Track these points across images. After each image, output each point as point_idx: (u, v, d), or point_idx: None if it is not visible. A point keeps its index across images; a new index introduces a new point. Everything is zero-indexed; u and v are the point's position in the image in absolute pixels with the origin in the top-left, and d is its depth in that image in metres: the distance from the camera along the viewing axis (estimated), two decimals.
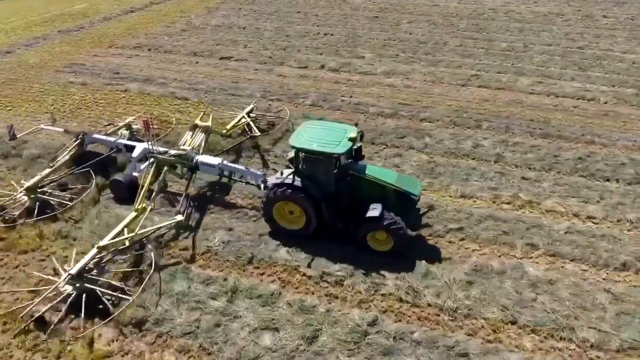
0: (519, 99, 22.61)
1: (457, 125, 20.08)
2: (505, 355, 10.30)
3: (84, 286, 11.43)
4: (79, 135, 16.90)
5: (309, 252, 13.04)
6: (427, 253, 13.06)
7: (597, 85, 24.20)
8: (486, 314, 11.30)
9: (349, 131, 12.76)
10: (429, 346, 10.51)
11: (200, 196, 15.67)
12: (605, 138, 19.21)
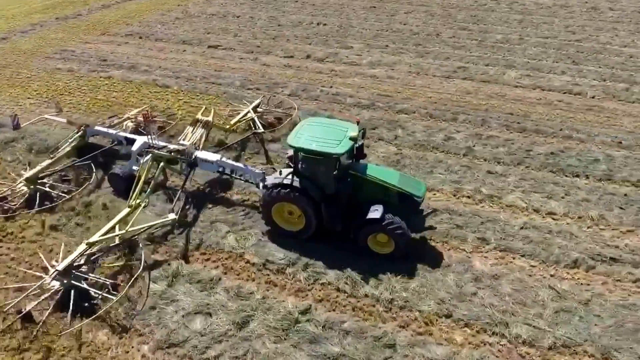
0: (502, 92, 22.25)
1: (433, 118, 19.89)
2: (432, 348, 10.29)
3: (71, 283, 11.28)
4: (80, 127, 16.78)
5: (256, 239, 13.17)
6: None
7: (588, 80, 23.65)
8: (422, 306, 11.29)
9: (350, 130, 12.27)
10: (357, 336, 10.56)
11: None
12: (584, 133, 18.82)
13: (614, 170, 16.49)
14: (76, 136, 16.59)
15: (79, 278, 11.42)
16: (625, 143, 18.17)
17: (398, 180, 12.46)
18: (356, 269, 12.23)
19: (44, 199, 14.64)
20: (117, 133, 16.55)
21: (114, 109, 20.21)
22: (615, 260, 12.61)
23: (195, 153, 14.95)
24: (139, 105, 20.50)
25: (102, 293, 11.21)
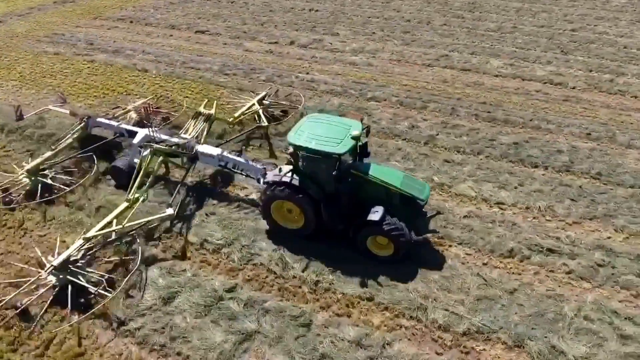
0: (480, 81, 22.13)
1: (403, 106, 19.95)
2: (346, 329, 10.60)
3: (67, 278, 11.22)
4: (83, 118, 16.66)
5: (197, 221, 13.62)
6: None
7: (573, 70, 23.31)
8: (346, 289, 11.58)
9: (353, 128, 12.00)
10: (276, 315, 10.94)
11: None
12: (555, 124, 18.66)
13: (575, 162, 16.37)
14: (78, 127, 16.51)
15: (75, 273, 11.33)
16: (594, 135, 17.96)
17: (401, 182, 12.19)
18: (291, 251, 12.58)
19: (45, 190, 14.54)
20: (118, 125, 16.45)
21: (89, 92, 20.86)
22: (552, 251, 12.65)
23: (196, 147, 14.77)
24: (115, 89, 21.13)
25: (97, 289, 11.11)
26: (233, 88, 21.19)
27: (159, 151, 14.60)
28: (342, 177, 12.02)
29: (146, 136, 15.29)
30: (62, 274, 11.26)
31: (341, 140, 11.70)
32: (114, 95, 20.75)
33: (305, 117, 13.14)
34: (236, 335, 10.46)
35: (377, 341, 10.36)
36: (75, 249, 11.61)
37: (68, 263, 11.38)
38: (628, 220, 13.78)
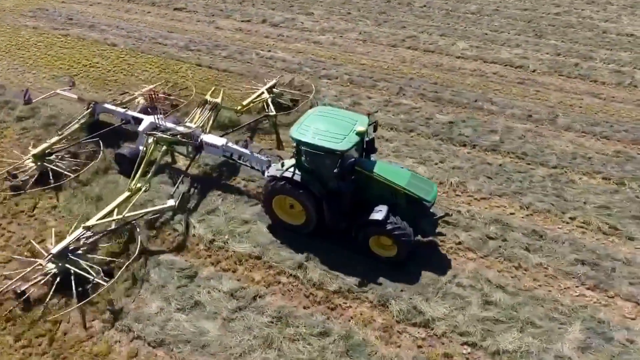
0: (439, 62, 22.72)
1: (353, 84, 20.77)
2: (226, 282, 11.72)
3: (65, 266, 11.44)
4: (89, 104, 16.86)
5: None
6: (224, 192, 14.49)
7: (540, 54, 23.66)
8: (238, 248, 12.67)
9: (359, 123, 11.83)
10: (167, 267, 12.12)
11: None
12: (499, 105, 19.22)
13: (505, 142, 16.97)
14: (85, 113, 16.69)
15: (74, 262, 11.53)
16: (535, 117, 18.46)
17: (407, 182, 11.97)
18: (195, 214, 13.70)
19: (50, 176, 14.75)
20: (125, 112, 16.52)
21: (56, 64, 22.38)
22: (448, 223, 13.41)
23: (201, 136, 14.78)
24: (80, 61, 22.60)
25: (95, 278, 11.27)
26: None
27: (163, 140, 14.64)
28: (345, 174, 11.90)
29: (151, 124, 15.36)
30: (61, 262, 11.44)
31: (345, 136, 11.52)
32: (79, 67, 22.21)
33: (310, 110, 13.04)
34: (127, 282, 11.68)
35: (250, 294, 11.44)
36: (74, 238, 11.81)
37: (67, 251, 11.56)
38: (536, 199, 14.41)
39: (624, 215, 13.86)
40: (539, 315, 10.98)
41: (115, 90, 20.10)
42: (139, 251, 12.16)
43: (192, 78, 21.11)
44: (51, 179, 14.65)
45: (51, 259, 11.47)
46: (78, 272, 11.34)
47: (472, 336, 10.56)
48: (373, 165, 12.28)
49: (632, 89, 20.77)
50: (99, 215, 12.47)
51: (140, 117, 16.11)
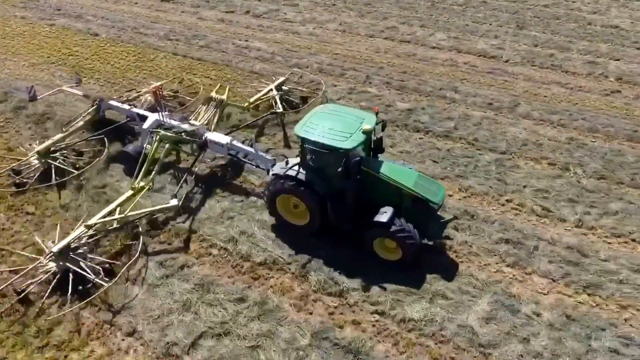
0: (412, 52, 23.41)
1: (321, 72, 21.60)
2: (174, 255, 12.73)
3: (66, 265, 11.60)
4: (95, 101, 17.07)
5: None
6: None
7: (518, 44, 24.15)
8: (179, 224, 13.65)
9: (365, 122, 11.88)
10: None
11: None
12: (463, 94, 19.86)
13: (460, 129, 17.63)
14: (90, 110, 16.92)
15: (75, 261, 11.68)
16: (495, 105, 19.05)
17: (414, 183, 11.89)
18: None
19: (54, 173, 14.96)
20: (130, 109, 16.74)
21: (36, 52, 23.77)
22: None
23: (206, 134, 14.91)
24: (60, 50, 23.95)
25: (95, 278, 11.46)
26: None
27: (166, 137, 14.79)
28: (350, 173, 11.89)
29: (156, 121, 15.54)
30: (62, 261, 11.60)
31: (351, 134, 11.54)
32: (59, 55, 23.55)
33: (317, 107, 13.08)
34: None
35: (179, 264, 12.41)
36: (75, 236, 11.96)
37: (68, 250, 11.73)
38: (477, 182, 15.07)
39: (560, 199, 14.43)
40: (451, 289, 11.70)
41: (89, 78, 21.37)
42: (140, 251, 12.39)
43: (165, 66, 22.25)
44: (55, 176, 14.81)
45: (52, 257, 11.61)
46: (78, 271, 11.48)
47: (382, 305, 11.35)
48: (380, 164, 12.20)
49: (602, 79, 21.15)
50: (101, 214, 12.62)
51: (145, 114, 16.26)
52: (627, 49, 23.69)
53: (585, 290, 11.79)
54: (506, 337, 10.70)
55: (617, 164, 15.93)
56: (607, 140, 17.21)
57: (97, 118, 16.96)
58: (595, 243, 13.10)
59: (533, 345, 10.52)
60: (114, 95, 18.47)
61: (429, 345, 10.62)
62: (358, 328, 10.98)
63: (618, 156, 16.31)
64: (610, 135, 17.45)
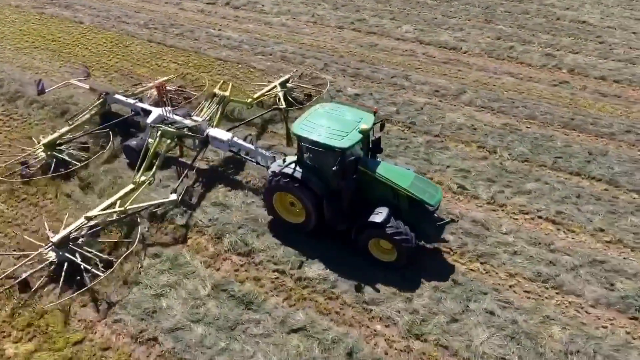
0: (374, 43, 24.26)
1: (283, 60, 22.63)
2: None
3: (65, 256, 11.94)
4: (101, 94, 17.48)
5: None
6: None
7: (481, 37, 24.78)
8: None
9: (363, 121, 11.96)
10: None
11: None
12: (414, 82, 20.69)
13: (401, 113, 18.46)
14: (97, 103, 17.34)
15: (73, 251, 12.02)
16: (441, 92, 19.84)
17: (410, 183, 11.91)
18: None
19: (60, 165, 15.50)
20: (135, 103, 17.04)
21: (24, 38, 25.24)
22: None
23: (208, 130, 15.14)
24: (45, 36, 25.37)
25: (91, 269, 11.76)
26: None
27: (167, 133, 15.03)
28: (346, 172, 11.94)
29: (160, 116, 15.81)
30: (62, 251, 11.97)
31: (347, 133, 11.60)
32: (42, 41, 24.96)
33: (316, 105, 13.25)
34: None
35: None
36: (75, 228, 12.32)
37: (68, 241, 12.10)
38: (403, 161, 15.90)
39: (479, 178, 15.20)
40: (350, 253, 12.56)
41: (65, 61, 22.75)
42: (138, 244, 12.67)
43: (138, 52, 23.49)
44: (61, 168, 15.37)
45: (52, 248, 12.02)
46: (76, 261, 11.84)
47: (284, 265, 12.33)
48: (376, 165, 12.27)
49: (554, 70, 21.74)
50: (102, 207, 12.96)
51: (149, 109, 16.54)
52: (589, 43, 24.17)
53: (479, 259, 12.60)
54: (391, 296, 11.60)
55: (545, 148, 16.62)
56: (542, 127, 17.87)
57: (103, 111, 17.48)
58: (502, 218, 13.88)
59: (413, 304, 11.38)
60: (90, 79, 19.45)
61: (318, 300, 11.58)
62: (257, 283, 12.00)
63: (548, 141, 16.98)
64: (546, 122, 18.11)
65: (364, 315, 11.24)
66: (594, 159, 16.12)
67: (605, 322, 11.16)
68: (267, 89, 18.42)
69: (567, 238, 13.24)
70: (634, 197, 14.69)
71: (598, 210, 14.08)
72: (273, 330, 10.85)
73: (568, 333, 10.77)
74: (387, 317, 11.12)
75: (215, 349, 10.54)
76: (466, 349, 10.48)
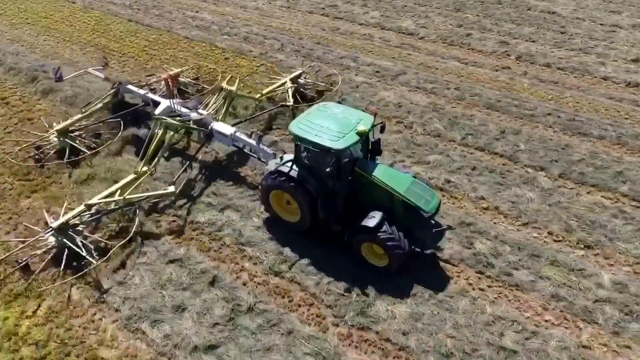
0: (336, 27, 25.92)
1: (245, 40, 24.51)
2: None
3: (63, 241, 12.44)
4: (114, 84, 18.20)
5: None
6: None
7: (444, 25, 25.98)
8: None
9: (361, 123, 12.04)
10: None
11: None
12: (358, 63, 22.23)
13: (336, 91, 19.99)
14: (110, 92, 18.08)
15: (72, 238, 12.52)
16: (382, 73, 21.30)
17: (406, 188, 11.90)
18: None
19: (71, 152, 16.15)
20: (145, 94, 17.66)
21: (18, 15, 27.96)
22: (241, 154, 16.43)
23: (212, 124, 15.54)
24: (37, 13, 28.03)
25: (86, 256, 12.26)
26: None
27: (171, 125, 15.52)
28: (341, 174, 12.03)
29: (167, 108, 16.34)
30: (60, 237, 12.47)
31: (344, 135, 11.64)
32: (35, 18, 27.60)
33: (316, 105, 13.49)
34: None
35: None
36: (75, 214, 12.81)
37: (68, 227, 12.57)
38: None
39: (386, 149, 16.57)
40: (241, 196, 14.55)
41: (49, 36, 25.29)
42: (134, 233, 13.15)
43: (116, 29, 25.81)
44: (71, 155, 16.08)
45: (52, 233, 12.58)
46: (73, 248, 12.36)
47: (182, 210, 14.27)
48: (374, 167, 12.30)
49: (503, 57, 22.84)
50: (102, 195, 13.50)
51: (158, 100, 17.15)
52: (549, 33, 25.03)
53: None
54: (267, 240, 13.36)
55: (460, 126, 17.92)
56: (467, 107, 19.12)
57: (116, 100, 18.18)
58: None
59: (284, 250, 13.12)
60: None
61: (202, 240, 13.47)
62: (159, 227, 13.92)
63: (467, 120, 18.27)
64: (472, 103, 19.35)
65: (237, 254, 13.05)
66: (504, 137, 17.36)
67: (453, 274, 12.58)
68: (277, 85, 18.75)
69: (447, 203, 14.62)
70: (528, 171, 15.90)
71: (487, 181, 15.40)
72: (154, 261, 12.81)
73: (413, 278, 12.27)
74: (256, 257, 12.90)
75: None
76: (315, 286, 12.17)
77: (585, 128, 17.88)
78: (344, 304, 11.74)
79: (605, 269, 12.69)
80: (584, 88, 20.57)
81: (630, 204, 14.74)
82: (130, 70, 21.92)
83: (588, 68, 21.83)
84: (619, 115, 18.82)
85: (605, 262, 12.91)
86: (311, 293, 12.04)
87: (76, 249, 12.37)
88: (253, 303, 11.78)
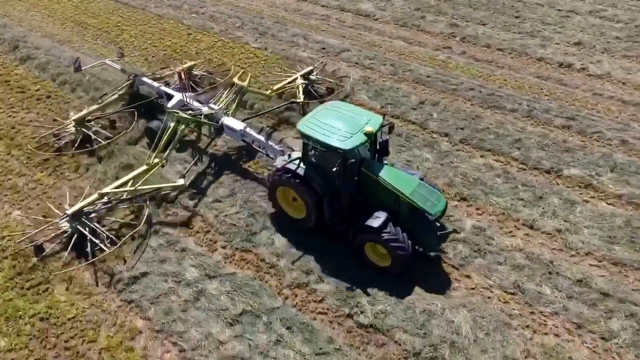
0: (299, 8, 28.16)
1: (210, 19, 26.96)
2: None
3: (76, 227, 13.19)
4: (130, 76, 18.90)
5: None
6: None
7: (402, 8, 27.78)
8: None
9: (370, 123, 12.35)
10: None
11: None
12: (309, 41, 24.37)
13: (292, 66, 21.96)
14: (126, 84, 18.84)
15: (85, 224, 13.32)
16: (331, 50, 23.41)
17: (412, 190, 12.18)
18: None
19: (87, 141, 17.06)
20: (159, 87, 18.26)
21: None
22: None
23: (222, 119, 16.14)
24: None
25: (98, 243, 12.95)
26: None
27: (183, 119, 16.11)
28: (347, 174, 12.24)
29: (180, 101, 17.03)
30: (75, 223, 13.29)
31: (352, 135, 11.96)
32: (43, 4, 30.54)
33: (325, 104, 13.88)
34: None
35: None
36: (89, 202, 13.59)
37: (82, 214, 13.42)
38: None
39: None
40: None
41: (38, 12, 28.13)
42: (144, 223, 13.84)
43: (96, 8, 28.54)
44: (87, 144, 17.01)
45: (67, 219, 13.42)
46: (86, 234, 13.19)
47: None
48: (380, 168, 12.59)
49: (447, 38, 24.63)
50: (115, 184, 14.30)
51: (171, 93, 17.80)
52: (503, 17, 26.48)
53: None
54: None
55: (384, 97, 19.83)
56: (397, 82, 21.10)
57: (131, 92, 18.93)
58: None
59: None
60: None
61: None
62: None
63: (392, 92, 20.22)
64: (403, 78, 21.32)
65: None
66: (421, 107, 19.39)
67: None
68: (288, 81, 19.28)
69: None
70: (433, 137, 17.92)
71: (391, 143, 17.14)
72: None
73: None
74: None
75: None
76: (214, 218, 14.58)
77: (501, 102, 19.73)
78: (234, 231, 14.18)
79: (472, 217, 14.73)
80: (515, 67, 22.35)
81: (518, 166, 16.67)
82: (101, 43, 24.56)
83: (527, 50, 23.52)
84: (541, 92, 20.59)
85: (474, 212, 14.94)
86: (209, 223, 14.47)
87: (88, 235, 13.23)
88: (159, 229, 14.25)
